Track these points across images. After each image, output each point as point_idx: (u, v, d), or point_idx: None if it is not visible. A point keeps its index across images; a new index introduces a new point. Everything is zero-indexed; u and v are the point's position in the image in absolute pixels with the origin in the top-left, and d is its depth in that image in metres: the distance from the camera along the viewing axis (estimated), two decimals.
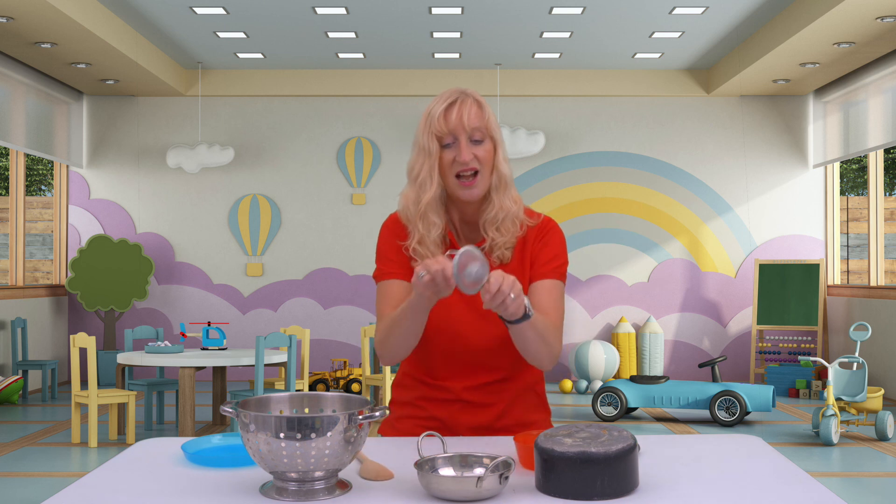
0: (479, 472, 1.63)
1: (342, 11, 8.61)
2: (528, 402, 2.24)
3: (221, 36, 9.47)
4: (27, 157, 25.11)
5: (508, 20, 8.91)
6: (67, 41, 8.52)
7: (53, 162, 11.21)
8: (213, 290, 11.09)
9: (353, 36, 9.49)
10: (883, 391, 8.54)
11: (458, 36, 9.49)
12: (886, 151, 24.83)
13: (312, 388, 9.46)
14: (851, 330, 7.38)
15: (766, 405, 7.72)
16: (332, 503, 1.53)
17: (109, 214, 11.11)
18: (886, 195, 23.88)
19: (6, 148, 25.14)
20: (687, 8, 8.51)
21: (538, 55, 10.28)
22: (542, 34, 9.41)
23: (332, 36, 9.48)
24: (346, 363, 9.86)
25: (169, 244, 11.10)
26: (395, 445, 1.97)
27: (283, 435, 1.49)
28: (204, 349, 7.66)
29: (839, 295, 10.45)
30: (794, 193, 11.11)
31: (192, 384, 6.94)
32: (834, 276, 10.97)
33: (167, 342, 7.83)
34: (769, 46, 8.97)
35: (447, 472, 1.63)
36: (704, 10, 8.55)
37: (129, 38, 9.09)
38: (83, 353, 11.10)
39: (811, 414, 8.58)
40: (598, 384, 10.02)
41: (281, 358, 7.16)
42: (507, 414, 2.20)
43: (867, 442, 7.09)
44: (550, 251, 2.17)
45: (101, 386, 10.47)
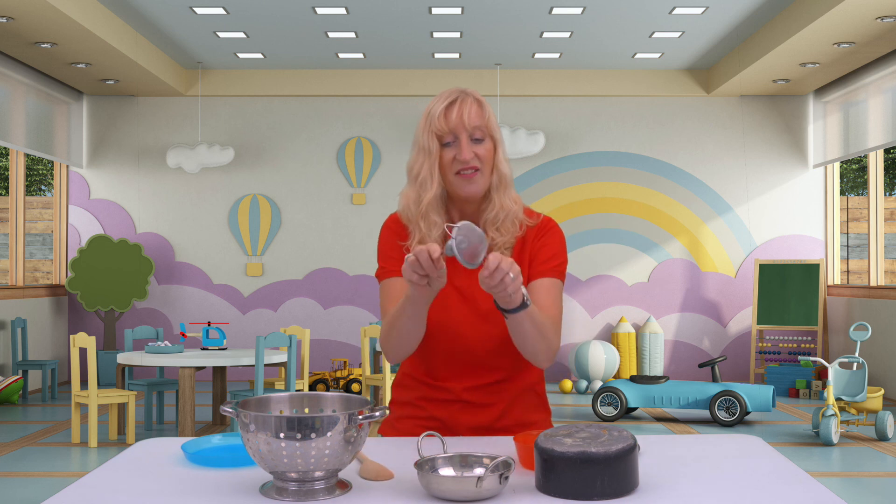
0: (479, 472, 1.63)
1: (342, 11, 8.61)
2: (528, 402, 2.24)
3: (221, 36, 9.47)
4: (27, 157, 25.10)
5: (508, 20, 8.91)
6: (67, 41, 8.52)
7: (53, 162, 11.21)
8: (213, 290, 11.09)
9: (353, 36, 9.49)
10: (883, 391, 8.54)
11: (458, 36, 9.49)
12: (886, 151, 24.83)
13: (312, 388, 9.46)
14: (851, 330, 7.38)
15: (766, 405, 7.72)
16: (332, 503, 1.53)
17: (109, 214, 11.11)
18: (886, 195, 23.87)
19: (6, 148, 25.13)
20: (687, 8, 8.51)
21: (538, 55, 10.28)
22: (542, 34, 9.41)
23: (332, 36, 9.48)
24: (346, 363, 9.86)
25: (169, 244, 11.10)
26: (395, 445, 1.97)
27: (283, 435, 1.49)
28: (204, 349, 7.66)
29: (839, 295, 10.45)
30: (794, 193, 11.11)
31: (192, 384, 6.94)
32: (834, 276, 10.97)
33: (167, 342, 7.83)
34: (769, 46, 8.97)
35: (447, 472, 1.63)
36: (704, 10, 8.56)
37: (129, 38, 9.09)
38: (83, 353, 11.10)
39: (811, 414, 8.58)
40: (598, 384, 10.02)
41: (281, 358, 7.16)
42: (507, 414, 2.20)
43: (867, 442, 7.09)
44: (550, 250, 2.16)
45: (101, 386, 10.47)
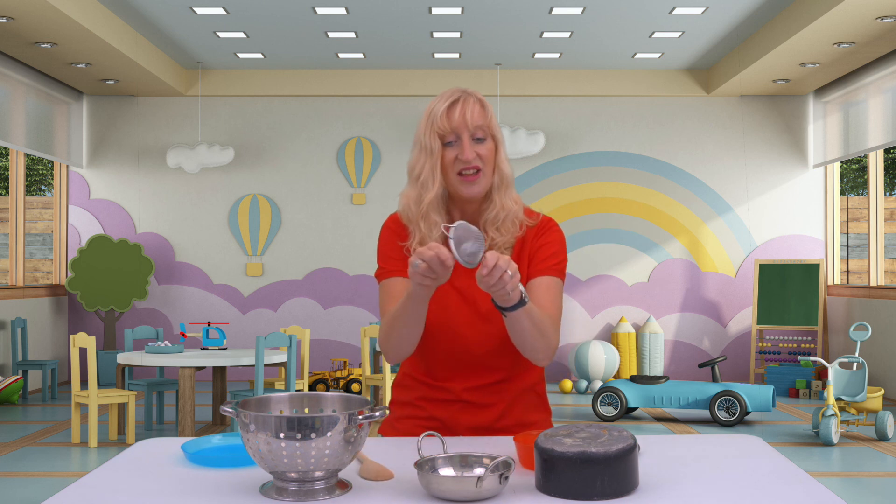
0: (479, 472, 1.63)
1: (342, 11, 8.61)
2: (528, 402, 2.23)
3: (221, 36, 9.47)
4: (27, 157, 25.10)
5: (508, 20, 8.91)
6: (67, 41, 8.52)
7: (53, 162, 11.21)
8: (213, 290, 11.09)
9: (353, 36, 9.49)
10: (883, 391, 8.54)
11: (458, 36, 9.49)
12: (886, 151, 24.83)
13: (312, 388, 9.46)
14: (851, 330, 7.38)
15: (766, 405, 7.72)
16: (332, 503, 1.53)
17: (109, 214, 11.11)
18: (886, 195, 23.87)
19: (6, 148, 25.13)
20: (687, 8, 8.51)
21: (538, 55, 10.28)
22: (542, 34, 9.41)
23: (332, 36, 9.48)
24: (346, 363, 9.86)
25: (169, 244, 11.10)
26: (395, 445, 1.97)
27: (283, 435, 1.49)
28: (204, 349, 7.66)
29: (839, 295, 10.45)
30: (794, 193, 11.10)
31: (192, 384, 6.94)
32: (834, 276, 10.96)
33: (167, 342, 7.83)
34: (769, 46, 8.97)
35: (447, 472, 1.63)
36: (704, 10, 8.55)
37: (129, 38, 9.09)
38: (83, 353, 11.10)
39: (811, 414, 8.58)
40: (598, 384, 10.02)
41: (281, 358, 7.16)
42: (507, 414, 2.20)
43: (867, 442, 7.09)
44: (549, 249, 2.16)
45: (101, 386, 10.47)
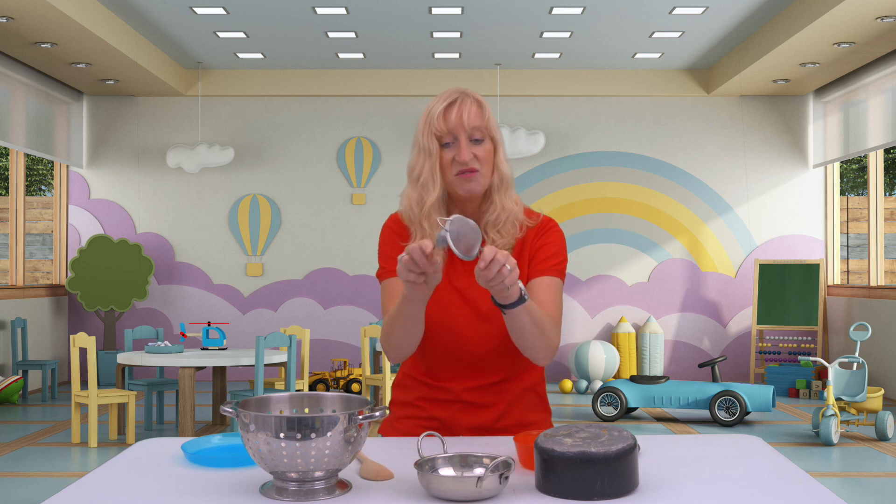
0: (479, 472, 1.63)
1: (342, 11, 8.61)
2: (528, 402, 2.23)
3: (221, 36, 9.47)
4: (27, 157, 25.10)
5: (508, 20, 8.91)
6: (67, 41, 8.52)
7: (53, 162, 11.21)
8: (213, 290, 11.09)
9: (353, 36, 9.49)
10: (883, 391, 8.54)
11: (458, 36, 9.49)
12: (886, 151, 24.83)
13: (312, 388, 9.46)
14: (851, 330, 7.38)
15: (766, 405, 7.72)
16: (332, 503, 1.53)
17: (109, 214, 11.11)
18: (886, 195, 23.87)
19: (6, 148, 25.13)
20: (687, 8, 8.51)
21: (538, 55, 10.28)
22: (542, 34, 9.41)
23: (332, 36, 9.48)
24: (346, 363, 9.86)
25: (169, 244, 11.10)
26: (395, 445, 1.97)
27: (283, 435, 1.49)
28: (204, 349, 7.66)
29: (839, 295, 10.45)
30: (794, 193, 11.10)
31: (192, 384, 6.94)
32: (834, 276, 10.96)
33: (167, 342, 7.83)
34: (769, 46, 8.97)
35: (447, 472, 1.63)
36: (704, 10, 8.55)
37: (129, 38, 9.09)
38: (83, 353, 11.10)
39: (811, 414, 8.58)
40: (598, 384, 10.02)
41: (281, 358, 7.16)
42: (507, 414, 2.19)
43: (867, 442, 7.09)
44: (549, 249, 2.16)
45: (101, 386, 10.47)
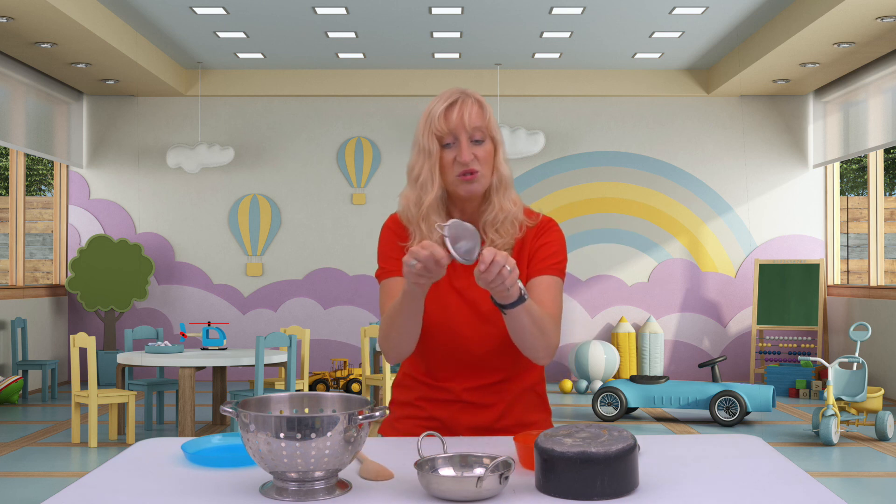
0: (479, 472, 1.63)
1: (342, 11, 8.61)
2: (528, 402, 2.23)
3: (221, 36, 9.47)
4: (27, 157, 25.10)
5: (508, 20, 8.91)
6: (67, 41, 8.52)
7: (53, 162, 11.21)
8: (213, 290, 11.09)
9: (353, 36, 9.49)
10: (883, 391, 8.54)
11: (458, 36, 9.49)
12: (886, 151, 24.83)
13: (312, 388, 9.46)
14: (851, 330, 7.38)
15: (766, 405, 7.72)
16: (332, 503, 1.53)
17: (109, 214, 11.11)
18: (886, 195, 23.87)
19: (6, 148, 25.13)
20: (687, 8, 8.51)
21: (538, 55, 10.28)
22: (542, 34, 9.41)
23: (332, 36, 9.48)
24: (346, 363, 9.86)
25: (169, 244, 11.10)
26: (395, 445, 1.97)
27: (283, 435, 1.49)
28: (204, 349, 7.66)
29: (839, 295, 10.45)
30: (794, 193, 11.10)
31: (192, 384, 6.94)
32: (834, 276, 10.96)
33: (167, 342, 7.83)
34: (769, 46, 8.97)
35: (447, 472, 1.63)
36: (704, 10, 8.55)
37: (129, 38, 9.09)
38: (83, 353, 11.10)
39: (811, 414, 8.58)
40: (598, 384, 10.02)
41: (281, 358, 7.16)
42: (507, 414, 2.19)
43: (867, 442, 7.09)
44: (549, 248, 2.16)
45: (101, 386, 10.47)
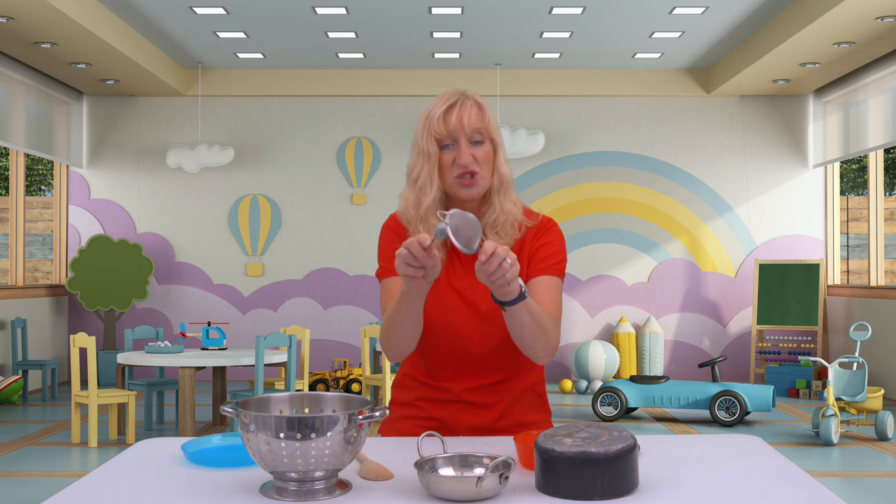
0: (479, 472, 1.63)
1: (342, 11, 8.61)
2: (528, 402, 2.23)
3: (221, 36, 9.47)
4: (27, 157, 25.10)
5: (508, 20, 8.91)
6: (67, 41, 8.52)
7: (53, 162, 11.21)
8: (213, 290, 11.09)
9: (353, 36, 9.49)
10: (883, 391, 8.54)
11: (458, 36, 9.49)
12: (886, 151, 24.83)
13: (312, 388, 9.46)
14: (851, 330, 7.38)
15: (766, 405, 7.72)
16: (332, 503, 1.53)
17: (109, 214, 11.11)
18: (886, 195, 23.87)
19: (6, 148, 25.13)
20: (687, 8, 8.51)
21: (538, 55, 10.28)
22: (542, 34, 9.41)
23: (332, 36, 9.48)
24: (346, 363, 9.86)
25: (169, 244, 11.10)
26: (395, 445, 1.97)
27: (283, 435, 1.49)
28: (204, 349, 7.66)
29: (839, 295, 10.45)
30: (794, 193, 11.10)
31: (192, 384, 6.94)
32: (834, 276, 10.96)
33: (167, 342, 7.82)
34: (769, 46, 8.97)
35: (447, 472, 1.63)
36: (704, 10, 8.55)
37: (129, 38, 9.09)
38: (83, 353, 11.10)
39: (811, 414, 8.58)
40: (598, 384, 10.02)
41: (281, 358, 7.16)
42: (507, 414, 2.19)
43: (867, 442, 7.09)
44: (549, 249, 2.16)
45: (101, 386, 10.47)
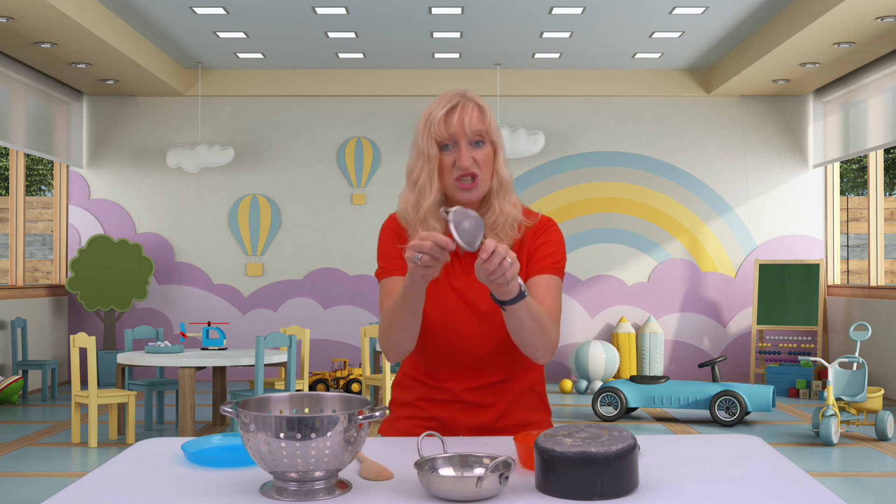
0: (479, 472, 1.63)
1: (342, 11, 8.61)
2: (528, 402, 2.23)
3: (221, 36, 9.47)
4: (27, 157, 25.10)
5: (508, 20, 8.91)
6: (67, 41, 8.52)
7: (53, 162, 11.21)
8: (213, 290, 11.09)
9: (353, 36, 9.49)
10: (883, 391, 8.54)
11: (458, 36, 9.49)
12: (886, 151, 24.83)
13: (312, 388, 9.46)
14: (851, 330, 7.38)
15: (766, 405, 7.72)
16: (332, 503, 1.53)
17: (109, 214, 11.11)
18: (886, 195, 23.87)
19: (6, 148, 25.13)
20: (687, 8, 8.51)
21: (538, 55, 10.28)
22: (542, 34, 9.41)
23: (332, 36, 9.48)
24: (346, 363, 9.86)
25: (169, 244, 11.10)
26: (395, 445, 1.97)
27: (283, 435, 1.49)
28: (204, 349, 7.66)
29: (839, 295, 10.45)
30: (794, 193, 11.10)
31: (192, 384, 6.94)
32: (834, 276, 10.96)
33: (167, 342, 7.82)
34: (769, 46, 8.97)
35: (447, 472, 1.63)
36: (704, 10, 8.55)
37: (129, 38, 9.09)
38: (83, 353, 11.10)
39: (811, 414, 8.58)
40: (598, 384, 10.02)
41: (281, 358, 7.16)
42: (507, 414, 2.19)
43: (867, 442, 7.09)
44: (548, 248, 2.16)
45: (101, 386, 10.47)
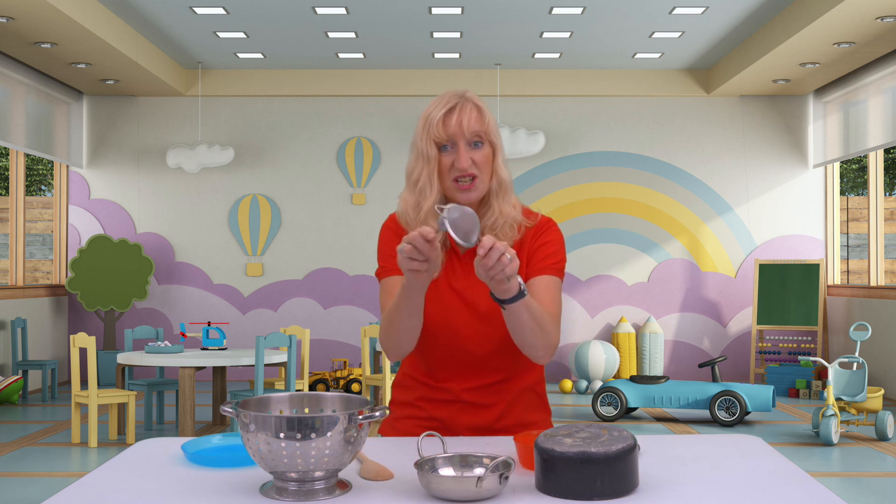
0: (479, 472, 1.63)
1: (342, 11, 8.61)
2: (528, 402, 2.23)
3: (221, 36, 9.47)
4: (27, 157, 25.10)
5: (508, 20, 8.91)
6: (67, 41, 8.52)
7: (53, 162, 11.21)
8: (213, 290, 11.09)
9: (353, 36, 9.49)
10: (883, 391, 8.54)
11: (458, 36, 9.49)
12: (886, 151, 24.83)
13: (312, 388, 9.46)
14: (851, 330, 7.38)
15: (766, 405, 7.72)
16: (332, 503, 1.53)
17: (109, 214, 11.11)
18: (886, 195, 23.87)
19: (6, 148, 25.13)
20: (687, 8, 8.51)
21: (538, 55, 10.28)
22: (542, 34, 9.41)
23: (332, 36, 9.48)
24: (346, 363, 9.86)
25: (169, 244, 11.10)
26: (395, 445, 1.97)
27: (283, 435, 1.49)
28: (204, 349, 7.66)
29: (839, 295, 10.45)
30: (794, 193, 11.10)
31: (192, 384, 6.94)
32: (834, 276, 10.96)
33: (167, 342, 7.82)
34: (769, 46, 8.97)
35: (447, 472, 1.63)
36: (704, 10, 8.55)
37: (129, 38, 9.09)
38: (83, 353, 11.10)
39: (811, 414, 8.58)
40: (598, 384, 10.02)
41: (281, 358, 7.16)
42: (507, 414, 2.19)
43: (867, 442, 7.09)
44: (548, 248, 2.16)
45: (101, 386, 10.47)
